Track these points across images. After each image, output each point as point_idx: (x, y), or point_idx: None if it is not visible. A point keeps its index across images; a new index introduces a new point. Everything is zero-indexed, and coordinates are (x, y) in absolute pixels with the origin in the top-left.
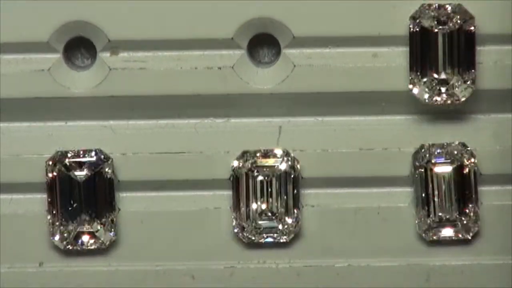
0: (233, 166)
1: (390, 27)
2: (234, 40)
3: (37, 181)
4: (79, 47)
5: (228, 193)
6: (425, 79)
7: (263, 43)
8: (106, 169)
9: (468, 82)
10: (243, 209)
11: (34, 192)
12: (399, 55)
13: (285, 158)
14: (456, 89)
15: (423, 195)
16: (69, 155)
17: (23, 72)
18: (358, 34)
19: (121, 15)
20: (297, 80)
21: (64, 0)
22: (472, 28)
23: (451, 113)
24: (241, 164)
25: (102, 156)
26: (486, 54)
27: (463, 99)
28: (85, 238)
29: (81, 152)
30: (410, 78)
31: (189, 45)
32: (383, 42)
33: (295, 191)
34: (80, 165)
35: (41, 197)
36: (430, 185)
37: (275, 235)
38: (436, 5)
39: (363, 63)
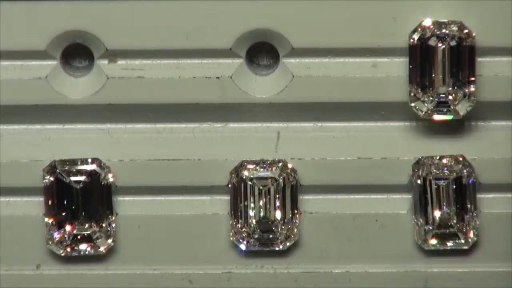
0: (231, 175)
1: (390, 39)
2: (233, 50)
3: (34, 185)
4: (77, 51)
5: (226, 198)
6: (424, 94)
7: (262, 50)
8: (104, 177)
9: (468, 97)
10: (241, 216)
11: (31, 195)
12: (399, 65)
13: (283, 168)
14: (455, 104)
15: (422, 203)
16: (66, 163)
17: (20, 80)
18: (357, 45)
19: (119, 24)
20: (295, 90)
21: (62, 8)
22: (472, 44)
23: (450, 123)
24: (239, 173)
25: (100, 165)
26: (486, 66)
27: (462, 114)
28: (83, 244)
29: (79, 161)
30: (410, 92)
31: (187, 54)
32: (383, 53)
33: (293, 198)
34: (77, 173)
35: (39, 200)
36: (429, 194)
37: (273, 242)
38: (436, 21)
39: (363, 73)
